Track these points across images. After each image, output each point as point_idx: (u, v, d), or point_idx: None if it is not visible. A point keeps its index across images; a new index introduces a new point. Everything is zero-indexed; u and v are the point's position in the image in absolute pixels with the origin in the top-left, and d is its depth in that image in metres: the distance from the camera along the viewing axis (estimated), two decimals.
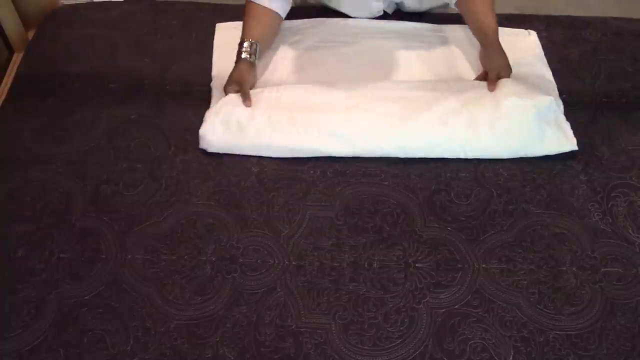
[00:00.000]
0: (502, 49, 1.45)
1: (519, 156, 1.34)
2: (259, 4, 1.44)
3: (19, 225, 1.20)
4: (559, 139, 1.34)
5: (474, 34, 1.48)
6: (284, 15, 1.50)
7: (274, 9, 1.45)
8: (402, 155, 1.33)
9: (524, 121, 1.33)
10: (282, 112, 1.33)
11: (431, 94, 1.38)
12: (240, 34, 1.43)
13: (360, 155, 1.33)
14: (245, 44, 1.41)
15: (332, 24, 1.60)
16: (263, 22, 1.46)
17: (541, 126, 1.33)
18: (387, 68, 1.50)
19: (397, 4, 1.64)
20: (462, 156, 1.33)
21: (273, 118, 1.33)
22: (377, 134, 1.32)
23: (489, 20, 1.43)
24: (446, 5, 1.59)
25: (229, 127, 1.32)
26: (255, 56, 1.41)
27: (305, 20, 1.60)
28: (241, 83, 1.37)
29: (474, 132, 1.32)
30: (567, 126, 1.37)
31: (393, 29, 1.59)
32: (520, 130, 1.33)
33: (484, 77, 1.45)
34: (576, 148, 1.34)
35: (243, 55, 1.40)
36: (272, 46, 1.53)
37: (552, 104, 1.36)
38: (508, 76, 1.43)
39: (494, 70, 1.43)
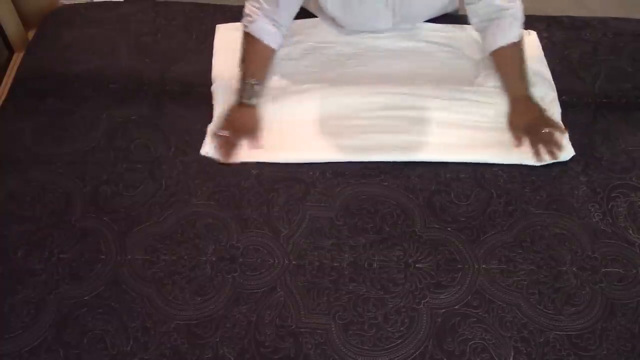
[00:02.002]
0: (527, 106, 1.37)
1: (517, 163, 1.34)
2: (260, 40, 1.38)
3: (19, 225, 1.20)
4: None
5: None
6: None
7: (273, 46, 1.40)
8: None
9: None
10: (279, 123, 1.36)
11: (432, 114, 1.38)
12: (240, 35, 1.42)
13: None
14: (250, 85, 1.35)
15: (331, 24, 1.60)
16: (265, 59, 1.40)
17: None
18: (387, 68, 1.50)
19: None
20: (461, 160, 1.34)
21: (268, 127, 1.35)
22: (375, 152, 1.33)
23: (514, 80, 1.40)
24: (456, 10, 1.62)
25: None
26: (257, 98, 1.37)
27: (305, 20, 1.60)
28: (245, 130, 1.34)
29: (473, 150, 1.34)
30: (564, 135, 1.36)
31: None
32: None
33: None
34: (573, 153, 1.34)
35: (244, 100, 1.35)
36: None
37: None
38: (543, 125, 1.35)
39: (514, 130, 1.37)
